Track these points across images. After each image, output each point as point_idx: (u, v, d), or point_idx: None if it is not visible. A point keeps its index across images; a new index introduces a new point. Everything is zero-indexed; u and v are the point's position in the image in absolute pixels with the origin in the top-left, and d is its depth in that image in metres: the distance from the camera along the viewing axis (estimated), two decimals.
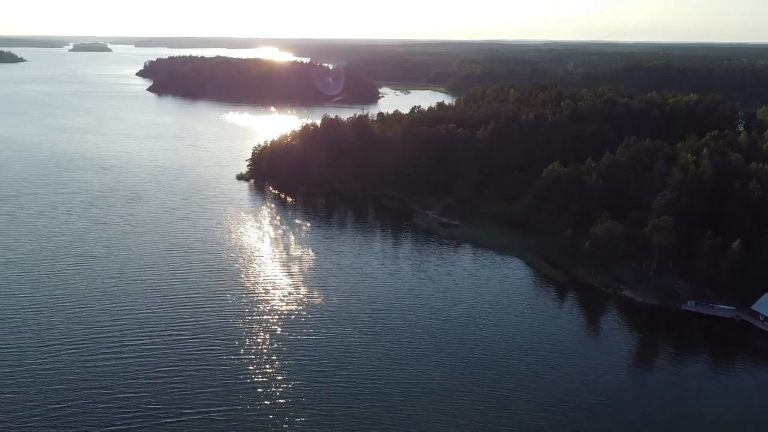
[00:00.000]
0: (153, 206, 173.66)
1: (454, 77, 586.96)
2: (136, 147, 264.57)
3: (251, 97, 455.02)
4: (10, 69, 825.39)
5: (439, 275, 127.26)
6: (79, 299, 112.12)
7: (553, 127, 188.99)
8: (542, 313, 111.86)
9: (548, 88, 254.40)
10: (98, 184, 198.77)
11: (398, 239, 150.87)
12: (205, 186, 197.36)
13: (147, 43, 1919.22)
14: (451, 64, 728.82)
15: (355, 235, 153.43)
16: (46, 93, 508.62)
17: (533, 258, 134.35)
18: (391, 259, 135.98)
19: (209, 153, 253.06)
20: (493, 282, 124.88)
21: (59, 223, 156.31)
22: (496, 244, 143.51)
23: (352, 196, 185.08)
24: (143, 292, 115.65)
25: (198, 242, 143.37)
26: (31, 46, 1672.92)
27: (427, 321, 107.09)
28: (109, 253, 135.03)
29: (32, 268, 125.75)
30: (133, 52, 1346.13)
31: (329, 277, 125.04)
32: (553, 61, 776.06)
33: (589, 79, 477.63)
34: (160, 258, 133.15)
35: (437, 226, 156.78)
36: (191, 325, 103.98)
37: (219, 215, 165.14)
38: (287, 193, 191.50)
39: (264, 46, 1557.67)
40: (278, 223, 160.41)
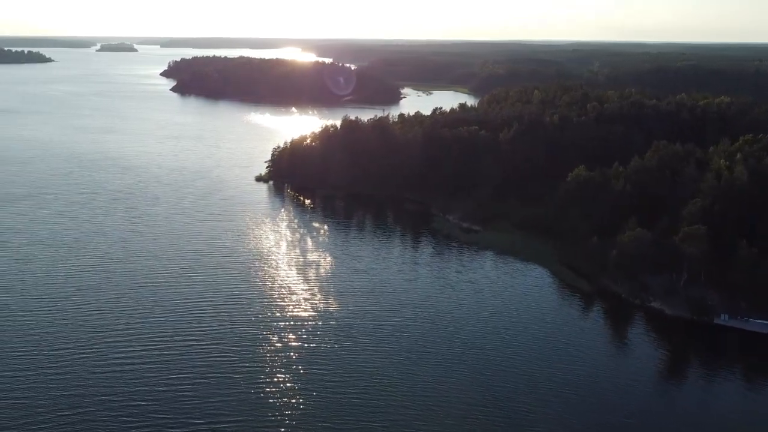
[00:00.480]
0: (171, 207, 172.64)
1: (477, 78, 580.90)
2: (157, 147, 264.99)
3: (273, 97, 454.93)
4: (38, 69, 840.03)
5: (459, 283, 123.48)
6: (93, 302, 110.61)
7: (579, 129, 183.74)
8: (566, 325, 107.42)
9: (573, 90, 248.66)
10: (118, 184, 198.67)
11: (417, 244, 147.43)
12: (224, 187, 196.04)
13: (172, 43, 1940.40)
14: (474, 64, 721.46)
15: (373, 239, 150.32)
16: (71, 93, 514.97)
17: (557, 266, 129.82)
18: (410, 265, 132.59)
19: (229, 153, 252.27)
20: (516, 291, 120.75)
21: (77, 224, 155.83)
22: (518, 250, 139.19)
23: (372, 198, 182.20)
24: (157, 296, 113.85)
25: (214, 245, 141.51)
26: (60, 46, 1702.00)
27: (445, 331, 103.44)
28: (124, 256, 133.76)
29: (48, 270, 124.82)
30: (158, 53, 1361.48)
31: (346, 282, 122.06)
32: (577, 62, 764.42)
33: (614, 80, 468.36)
34: (176, 261, 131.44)
35: (458, 230, 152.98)
36: (204, 331, 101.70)
37: (236, 217, 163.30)
38: (306, 195, 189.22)
39: (287, 47, 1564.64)
40: (296, 226, 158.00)
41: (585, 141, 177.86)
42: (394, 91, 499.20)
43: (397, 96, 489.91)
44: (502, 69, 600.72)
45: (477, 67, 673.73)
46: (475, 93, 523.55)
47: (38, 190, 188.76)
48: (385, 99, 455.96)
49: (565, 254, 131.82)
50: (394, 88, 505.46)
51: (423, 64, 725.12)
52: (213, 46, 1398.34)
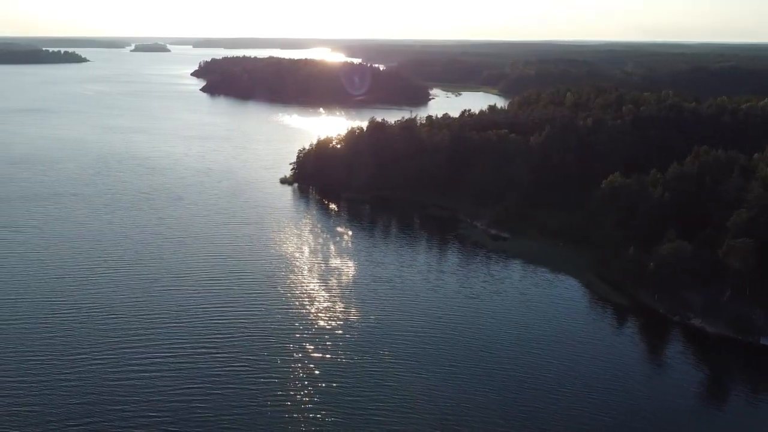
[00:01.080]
0: (195, 209, 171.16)
1: (507, 78, 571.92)
2: (184, 147, 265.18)
3: (301, 97, 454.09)
4: (73, 69, 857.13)
5: (486, 293, 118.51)
6: (112, 307, 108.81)
7: (613, 133, 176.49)
8: (599, 342, 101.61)
9: (608, 92, 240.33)
10: (144, 184, 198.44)
11: (443, 251, 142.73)
12: (248, 189, 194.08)
13: (204, 43, 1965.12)
14: (505, 65, 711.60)
15: (398, 245, 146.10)
16: (103, 92, 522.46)
17: (590, 277, 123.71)
18: (435, 274, 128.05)
19: (255, 155, 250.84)
20: (546, 303, 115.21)
21: (100, 225, 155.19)
22: (549, 259, 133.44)
23: (398, 202, 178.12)
24: (175, 302, 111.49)
25: (235, 250, 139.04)
26: (96, 46, 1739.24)
27: (471, 344, 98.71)
28: (145, 259, 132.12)
29: (68, 272, 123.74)
30: (190, 53, 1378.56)
31: (368, 291, 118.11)
32: (610, 62, 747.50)
33: (649, 81, 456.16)
34: (196, 266, 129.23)
35: (486, 238, 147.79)
36: (222, 339, 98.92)
37: (259, 221, 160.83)
38: (331, 198, 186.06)
39: (317, 47, 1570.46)
40: (319, 231, 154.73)
41: (620, 145, 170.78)
42: (423, 91, 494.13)
43: (425, 97, 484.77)
44: (532, 69, 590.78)
45: (507, 68, 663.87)
46: (505, 94, 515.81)
47: (65, 190, 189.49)
48: (413, 100, 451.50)
49: (598, 265, 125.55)
50: (422, 89, 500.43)
51: (452, 65, 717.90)
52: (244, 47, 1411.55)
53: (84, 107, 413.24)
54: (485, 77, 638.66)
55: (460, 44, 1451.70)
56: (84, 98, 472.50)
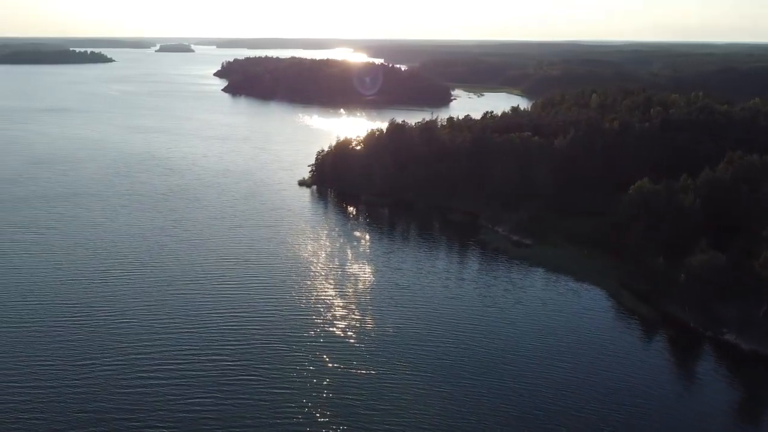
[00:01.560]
0: (211, 211, 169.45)
1: (531, 79, 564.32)
2: (203, 148, 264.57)
3: (322, 98, 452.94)
4: (99, 69, 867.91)
5: (507, 303, 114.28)
6: (123, 312, 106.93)
7: (641, 137, 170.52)
8: (626, 355, 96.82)
9: (635, 93, 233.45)
10: (162, 185, 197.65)
11: (464, 258, 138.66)
12: (265, 191, 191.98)
13: (228, 44, 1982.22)
14: (528, 65, 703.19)
15: (417, 250, 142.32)
16: (126, 92, 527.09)
17: (616, 287, 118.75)
18: (455, 281, 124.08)
19: (274, 156, 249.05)
20: (570, 314, 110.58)
21: (116, 227, 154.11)
22: (573, 268, 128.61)
23: (417, 206, 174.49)
24: (187, 308, 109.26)
25: (251, 253, 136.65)
26: (122, 46, 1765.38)
27: (492, 357, 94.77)
28: (159, 262, 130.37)
29: (81, 275, 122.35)
30: (214, 53, 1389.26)
31: (386, 299, 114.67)
32: (636, 63, 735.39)
33: (677, 82, 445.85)
34: (210, 270, 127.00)
35: (507, 244, 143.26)
36: (234, 348, 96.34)
37: (275, 224, 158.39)
38: (349, 201, 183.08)
39: (339, 47, 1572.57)
40: (337, 235, 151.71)
41: (648, 149, 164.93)
42: (445, 92, 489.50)
43: (447, 97, 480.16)
44: (556, 70, 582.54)
45: (530, 68, 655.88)
46: (528, 95, 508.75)
47: (83, 190, 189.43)
48: (434, 101, 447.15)
49: (625, 275, 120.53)
50: (444, 90, 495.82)
51: (475, 65, 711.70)
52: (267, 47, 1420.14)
53: (107, 107, 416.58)
54: (508, 78, 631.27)
55: (483, 44, 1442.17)
56: (108, 98, 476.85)
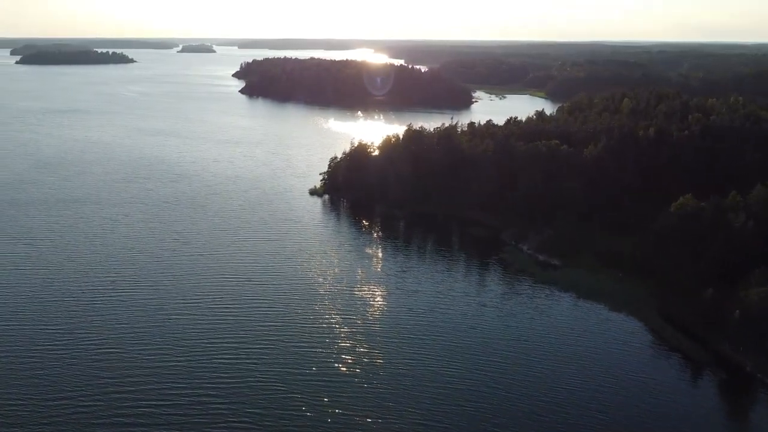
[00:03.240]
0: (216, 221, 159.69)
1: (554, 81, 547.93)
2: (215, 152, 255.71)
3: (340, 100, 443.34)
4: (119, 69, 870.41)
5: (533, 334, 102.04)
6: (108, 340, 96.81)
7: (680, 146, 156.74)
8: (670, 400, 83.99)
9: (670, 97, 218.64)
10: (168, 192, 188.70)
11: (484, 279, 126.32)
12: (275, 200, 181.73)
13: (250, 44, 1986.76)
14: (551, 66, 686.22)
15: (434, 270, 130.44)
16: (143, 93, 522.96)
17: (656, 318, 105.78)
18: (476, 307, 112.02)
19: (287, 161, 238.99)
20: (604, 349, 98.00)
21: (113, 239, 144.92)
22: (606, 294, 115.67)
23: (435, 219, 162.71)
24: (185, 331, 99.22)
25: (253, 272, 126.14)
26: (145, 47, 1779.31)
27: (516, 400, 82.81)
28: (153, 281, 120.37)
29: (67, 297, 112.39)
30: (235, 53, 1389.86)
31: (398, 328, 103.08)
32: (664, 64, 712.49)
33: (710, 84, 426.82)
34: (207, 291, 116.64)
35: (532, 264, 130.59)
36: (234, 372, 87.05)
37: (282, 238, 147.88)
38: (363, 212, 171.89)
39: (360, 48, 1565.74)
40: (347, 251, 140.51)
41: (688, 160, 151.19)
42: (466, 94, 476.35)
43: (468, 99, 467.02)
44: (581, 71, 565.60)
45: (554, 70, 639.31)
46: (552, 97, 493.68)
47: (85, 197, 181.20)
48: (455, 103, 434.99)
49: (667, 304, 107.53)
50: (465, 92, 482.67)
51: (497, 66, 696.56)
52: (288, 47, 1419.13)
53: (122, 108, 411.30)
54: (531, 79, 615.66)
55: (504, 45, 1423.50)
56: (123, 99, 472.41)
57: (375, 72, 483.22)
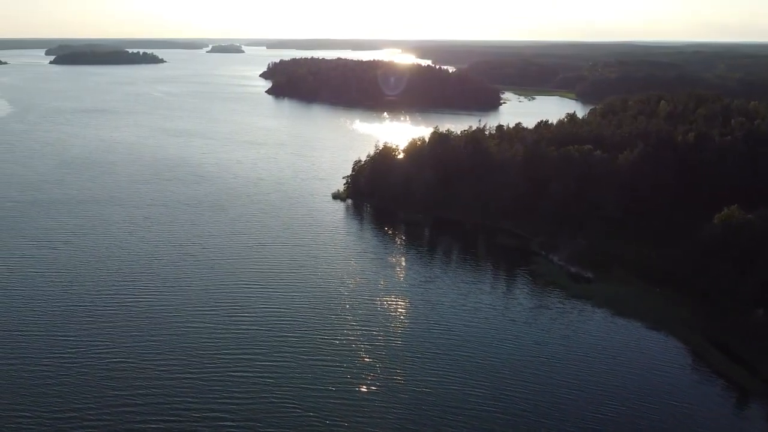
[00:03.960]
0: (236, 225, 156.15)
1: (585, 82, 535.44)
2: (238, 154, 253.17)
3: (366, 100, 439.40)
4: (148, 69, 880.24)
5: (565, 353, 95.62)
6: (119, 351, 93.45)
7: (722, 152, 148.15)
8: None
9: (710, 100, 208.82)
10: (189, 195, 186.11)
11: (513, 292, 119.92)
12: (296, 203, 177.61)
13: (278, 45, 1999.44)
14: (581, 67, 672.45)
15: (459, 281, 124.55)
16: (170, 93, 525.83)
17: (699, 339, 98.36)
18: (503, 323, 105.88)
19: (310, 163, 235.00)
20: (640, 372, 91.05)
21: (132, 242, 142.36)
22: (643, 311, 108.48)
23: (462, 226, 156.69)
24: (198, 343, 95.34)
25: (270, 280, 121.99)
26: (176, 47, 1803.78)
27: (547, 425, 76.82)
28: (173, 286, 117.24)
29: (81, 302, 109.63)
30: (263, 54, 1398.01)
31: (421, 343, 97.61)
32: (699, 64, 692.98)
33: (749, 86, 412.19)
34: (227, 296, 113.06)
35: (564, 277, 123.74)
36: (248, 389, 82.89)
37: (302, 243, 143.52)
38: (386, 218, 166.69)
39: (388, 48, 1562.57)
40: (370, 260, 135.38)
41: (731, 167, 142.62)
42: (494, 95, 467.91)
43: (497, 101, 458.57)
44: (613, 72, 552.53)
45: (584, 70, 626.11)
46: (583, 99, 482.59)
47: (107, 198, 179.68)
48: (483, 104, 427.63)
49: (712, 326, 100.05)
50: (494, 92, 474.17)
51: (526, 67, 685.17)
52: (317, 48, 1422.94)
53: (148, 108, 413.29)
54: (561, 80, 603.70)
55: (533, 45, 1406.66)
56: (150, 99, 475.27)
57: (390, 71, 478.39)
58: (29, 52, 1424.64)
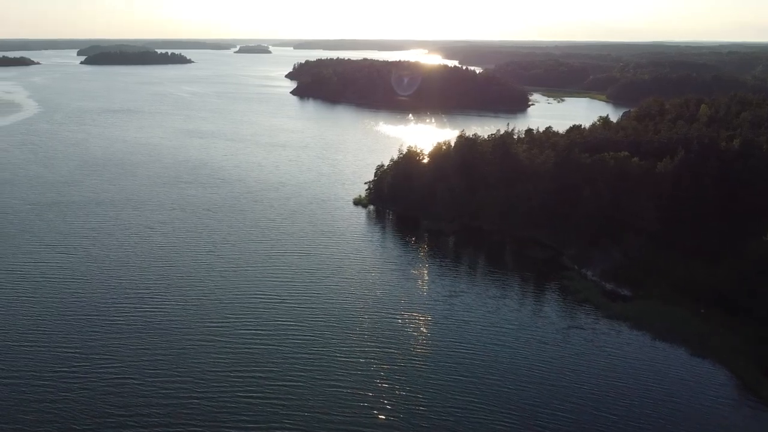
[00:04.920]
0: (253, 233, 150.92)
1: (616, 84, 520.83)
2: (260, 156, 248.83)
3: (391, 102, 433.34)
4: (176, 70, 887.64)
5: (601, 381, 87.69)
6: (125, 367, 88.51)
7: None
8: None
9: (754, 104, 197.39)
10: (208, 199, 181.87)
11: (543, 310, 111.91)
12: (317, 209, 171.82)
13: (305, 45, 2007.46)
14: (612, 68, 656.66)
15: (485, 296, 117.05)
16: (196, 93, 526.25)
17: (753, 370, 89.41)
18: (533, 345, 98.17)
19: (333, 167, 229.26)
20: (686, 404, 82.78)
21: (149, 249, 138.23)
22: (688, 334, 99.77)
23: (489, 236, 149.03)
24: (207, 361, 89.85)
25: (289, 290, 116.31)
26: (204, 48, 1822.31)
27: None
28: (185, 297, 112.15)
29: (86, 313, 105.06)
30: (290, 54, 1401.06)
31: (445, 366, 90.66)
32: (736, 66, 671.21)
33: None
34: (240, 309, 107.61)
35: (599, 294, 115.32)
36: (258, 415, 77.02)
37: (323, 252, 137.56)
38: (409, 227, 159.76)
39: (414, 49, 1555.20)
40: (391, 270, 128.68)
41: None
42: (522, 96, 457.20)
43: (525, 103, 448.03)
44: (645, 73, 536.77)
45: (615, 71, 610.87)
46: (614, 101, 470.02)
47: (126, 202, 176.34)
48: (511, 106, 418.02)
49: (759, 350, 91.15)
50: (521, 94, 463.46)
51: (554, 68, 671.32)
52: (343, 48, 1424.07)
53: (172, 108, 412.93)
54: (591, 82, 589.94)
55: (561, 45, 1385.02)
56: (176, 99, 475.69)
57: (405, 72, 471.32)
58: (62, 53, 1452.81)
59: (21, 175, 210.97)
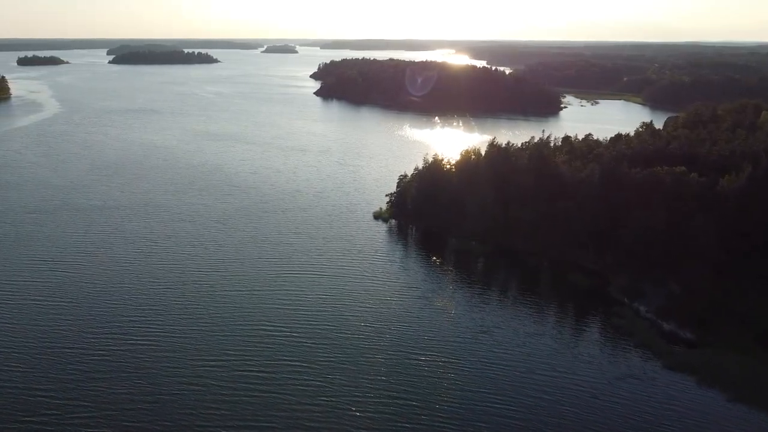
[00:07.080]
0: (264, 248, 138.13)
1: (654, 86, 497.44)
2: (279, 161, 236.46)
3: (417, 104, 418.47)
4: (202, 69, 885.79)
5: None
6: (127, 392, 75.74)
7: None
8: None
9: None
10: (222, 208, 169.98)
11: (589, 353, 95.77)
12: (335, 222, 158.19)
13: (332, 45, 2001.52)
14: (647, 69, 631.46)
15: (520, 332, 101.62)
16: (219, 94, 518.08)
17: None
18: (578, 394, 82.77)
19: (354, 174, 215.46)
20: None
21: (153, 263, 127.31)
22: (763, 391, 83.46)
23: (524, 258, 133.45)
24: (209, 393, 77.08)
25: (300, 313, 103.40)
26: (231, 48, 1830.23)
27: None
28: (190, 320, 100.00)
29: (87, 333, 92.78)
30: (316, 54, 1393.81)
31: (469, 412, 75.92)
32: None
33: None
34: (246, 335, 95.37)
35: (654, 335, 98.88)
36: None
37: (339, 271, 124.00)
38: (434, 245, 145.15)
39: (441, 49, 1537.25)
40: (414, 295, 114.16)
41: None
42: (554, 99, 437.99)
43: (557, 105, 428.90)
44: (685, 75, 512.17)
45: (651, 73, 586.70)
46: (651, 104, 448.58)
47: (136, 210, 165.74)
48: (542, 108, 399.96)
49: None
50: (553, 96, 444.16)
51: (586, 68, 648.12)
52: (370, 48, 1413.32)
53: (194, 109, 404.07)
54: (625, 83, 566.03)
55: (593, 46, 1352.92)
56: (198, 100, 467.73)
57: (418, 73, 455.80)
58: (92, 52, 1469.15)
59: (28, 179, 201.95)
